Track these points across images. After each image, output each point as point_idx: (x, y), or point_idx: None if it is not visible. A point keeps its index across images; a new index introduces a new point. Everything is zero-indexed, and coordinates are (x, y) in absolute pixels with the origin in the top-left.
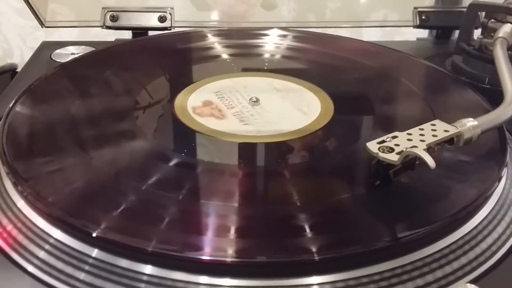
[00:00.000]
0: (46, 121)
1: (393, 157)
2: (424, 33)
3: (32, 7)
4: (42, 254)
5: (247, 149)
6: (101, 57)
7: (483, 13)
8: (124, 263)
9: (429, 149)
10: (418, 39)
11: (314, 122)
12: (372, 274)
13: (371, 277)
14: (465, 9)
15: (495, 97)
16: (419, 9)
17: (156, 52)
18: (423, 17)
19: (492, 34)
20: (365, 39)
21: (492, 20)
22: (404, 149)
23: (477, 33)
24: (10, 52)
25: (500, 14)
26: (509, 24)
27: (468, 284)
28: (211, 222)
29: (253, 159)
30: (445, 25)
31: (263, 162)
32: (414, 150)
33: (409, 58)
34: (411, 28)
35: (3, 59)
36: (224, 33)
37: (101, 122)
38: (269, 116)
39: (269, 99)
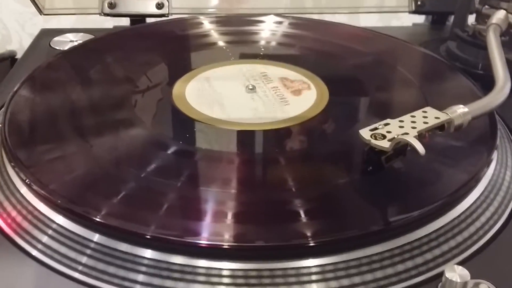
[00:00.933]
0: (47, 109)
1: (384, 144)
2: (420, 19)
3: None
4: (45, 239)
5: (243, 137)
6: (100, 44)
7: None
8: (124, 247)
9: (420, 136)
10: (414, 24)
11: (309, 109)
12: (366, 257)
13: (365, 259)
14: None
15: (488, 83)
16: None
17: (154, 39)
18: (419, 3)
19: (486, 20)
20: (362, 25)
21: (486, 6)
22: (396, 136)
23: (472, 20)
24: (8, 38)
25: (494, 0)
26: (502, 11)
27: (455, 266)
28: (209, 208)
29: (249, 147)
30: (440, 11)
31: (259, 150)
32: (405, 137)
33: (404, 44)
34: (408, 13)
35: (1, 46)
36: (221, 20)
37: (100, 110)
38: (265, 103)
39: (265, 86)
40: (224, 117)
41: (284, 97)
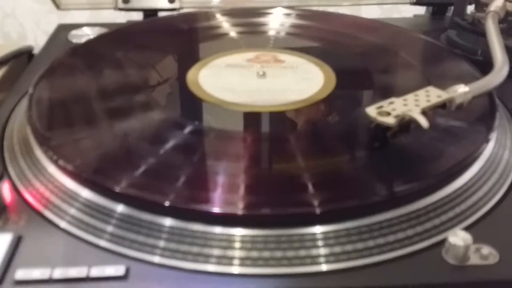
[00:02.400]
0: (69, 96)
1: (390, 120)
2: (421, 11)
3: None
4: (72, 211)
5: (255, 118)
6: (116, 36)
7: None
8: (147, 217)
9: (423, 113)
10: (415, 15)
11: (318, 92)
12: (375, 223)
13: (373, 225)
14: None
15: (487, 69)
16: None
17: (166, 31)
18: None
19: (485, 8)
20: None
21: None
22: (400, 113)
23: (471, 9)
24: (24, 35)
25: None
26: None
27: (458, 231)
28: (222, 180)
29: (261, 126)
30: (440, 2)
31: (269, 129)
32: (409, 113)
33: (406, 33)
34: (409, 6)
35: (17, 43)
36: (230, 13)
37: (120, 94)
38: (276, 87)
39: (275, 72)
40: (236, 100)
41: (293, 82)
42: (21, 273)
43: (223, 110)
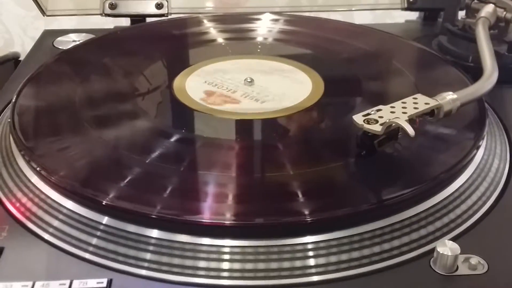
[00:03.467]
0: (53, 103)
1: (376, 128)
2: (413, 16)
3: None
4: (56, 223)
5: (241, 125)
6: (101, 43)
7: None
8: (132, 228)
9: (411, 121)
10: (406, 21)
11: (306, 99)
12: (363, 233)
13: (361, 235)
14: None
15: (478, 75)
16: None
17: (154, 37)
18: (411, 0)
19: (476, 14)
20: (357, 23)
21: (475, 0)
22: (387, 120)
23: (462, 15)
24: (11, 42)
25: None
26: (491, 5)
27: (446, 241)
28: (210, 189)
29: (247, 134)
30: (432, 7)
31: (257, 136)
32: (395, 120)
33: (396, 39)
34: (402, 11)
35: (4, 49)
36: (218, 19)
37: (105, 103)
38: (263, 95)
39: (262, 79)
40: (222, 108)
41: (281, 89)
42: (2, 286)
43: (209, 118)
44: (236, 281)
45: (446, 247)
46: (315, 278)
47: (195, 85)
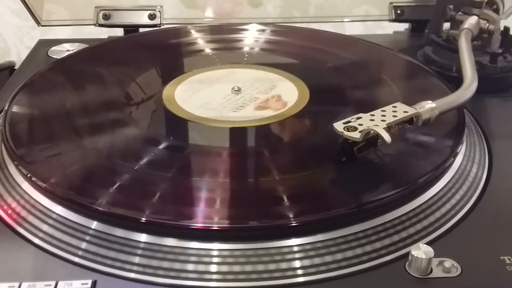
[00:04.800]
0: (45, 112)
1: (355, 135)
2: (401, 27)
3: (29, 7)
4: (45, 227)
5: (229, 133)
6: (94, 52)
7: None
8: (120, 232)
9: (390, 128)
10: (394, 32)
11: (291, 107)
12: (345, 235)
13: (345, 237)
14: None
15: (461, 84)
16: (394, 4)
17: (145, 47)
18: (398, 11)
19: (460, 26)
20: (348, 34)
21: (460, 12)
22: (366, 128)
23: (447, 27)
24: (7, 51)
25: (466, 7)
26: (474, 16)
27: (420, 244)
28: (198, 194)
29: (235, 141)
30: (419, 19)
31: (244, 143)
32: (373, 127)
33: (381, 49)
34: (392, 22)
35: (0, 58)
36: (207, 29)
37: (96, 111)
38: (250, 103)
39: (250, 88)
40: (209, 116)
41: (267, 97)
42: None
43: (197, 126)
44: (224, 283)
45: (420, 250)
46: (301, 279)
47: (184, 94)
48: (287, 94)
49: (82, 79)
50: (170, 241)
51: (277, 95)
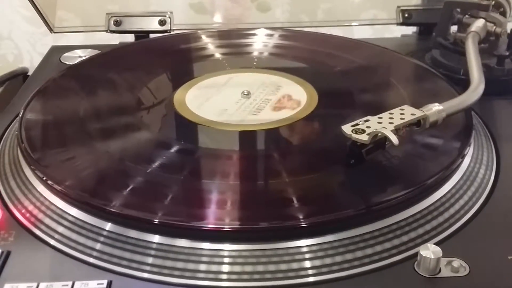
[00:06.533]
0: (59, 117)
1: (363, 137)
2: (409, 30)
3: (41, 15)
4: (61, 229)
5: (239, 136)
6: (106, 58)
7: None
8: (133, 233)
9: (397, 131)
10: (402, 35)
11: (300, 111)
12: (355, 236)
13: (351, 239)
14: None
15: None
16: (402, 8)
17: (155, 53)
18: (406, 15)
19: (467, 28)
20: (356, 37)
21: (467, 16)
22: (374, 130)
23: (454, 29)
24: (20, 57)
25: (474, 10)
26: (481, 19)
27: (429, 244)
28: (209, 196)
29: (245, 144)
30: (426, 22)
31: (254, 146)
32: (381, 130)
33: (388, 52)
34: (400, 26)
35: (14, 64)
36: (217, 34)
37: (109, 116)
38: (259, 106)
39: (259, 92)
40: (220, 119)
41: (277, 101)
42: (8, 287)
43: (208, 130)
44: (235, 283)
45: (429, 250)
46: (311, 279)
47: (194, 98)
48: (296, 95)
49: (95, 85)
50: (183, 242)
51: (286, 94)
